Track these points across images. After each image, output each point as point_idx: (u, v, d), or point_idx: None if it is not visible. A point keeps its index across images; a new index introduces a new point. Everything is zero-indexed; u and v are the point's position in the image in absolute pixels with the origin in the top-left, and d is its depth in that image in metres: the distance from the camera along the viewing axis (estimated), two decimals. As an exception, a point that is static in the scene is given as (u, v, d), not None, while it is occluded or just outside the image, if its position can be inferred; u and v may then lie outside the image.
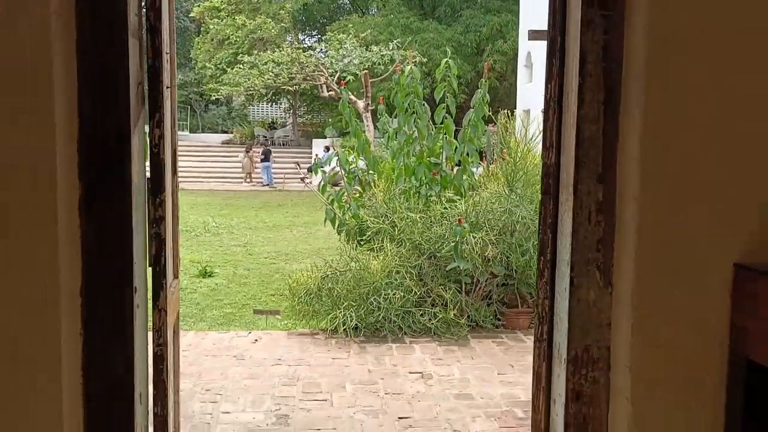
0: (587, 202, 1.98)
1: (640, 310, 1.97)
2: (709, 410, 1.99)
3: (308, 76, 20.49)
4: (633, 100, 1.93)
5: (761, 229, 1.95)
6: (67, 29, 1.81)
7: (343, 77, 16.16)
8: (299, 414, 3.52)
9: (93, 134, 1.85)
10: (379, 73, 18.18)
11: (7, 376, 1.84)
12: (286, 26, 24.10)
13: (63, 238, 1.85)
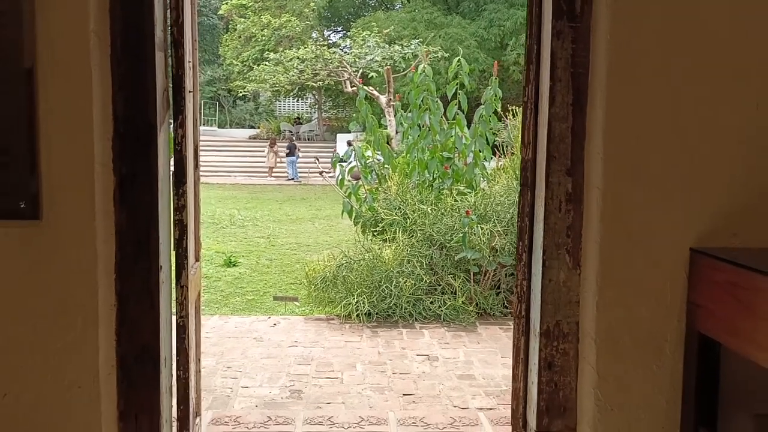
0: (558, 193, 2.23)
1: (605, 289, 2.22)
2: (667, 375, 2.24)
3: (332, 73, 20.84)
4: (597, 101, 2.17)
5: (714, 218, 2.18)
6: (103, 44, 2.11)
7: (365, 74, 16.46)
8: (312, 389, 3.81)
9: (125, 133, 2.15)
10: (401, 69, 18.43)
11: (52, 339, 2.15)
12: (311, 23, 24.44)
13: (99, 222, 2.16)
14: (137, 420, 2.28)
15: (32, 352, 2.17)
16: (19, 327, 2.16)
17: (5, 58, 2.03)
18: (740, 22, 2.12)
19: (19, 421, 2.20)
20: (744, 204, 2.18)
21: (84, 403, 2.20)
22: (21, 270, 2.14)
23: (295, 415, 3.34)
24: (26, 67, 2.05)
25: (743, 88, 2.13)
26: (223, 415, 3.32)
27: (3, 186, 2.09)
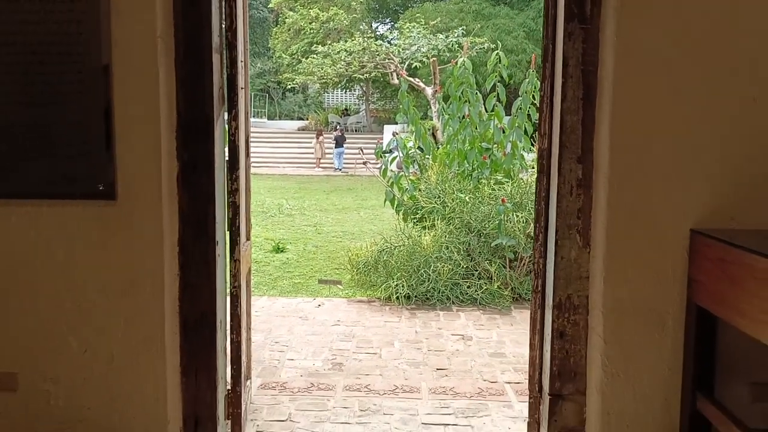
0: (569, 179, 2.47)
1: (612, 266, 2.44)
2: (669, 345, 2.45)
3: (378, 65, 21.14)
4: (605, 95, 2.39)
5: (713, 203, 2.38)
6: (168, 48, 2.44)
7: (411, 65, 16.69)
8: (352, 363, 4.11)
9: (186, 125, 2.48)
10: (447, 60, 18.60)
11: (125, 303, 2.50)
12: (359, 16, 24.78)
13: (165, 202, 2.49)
14: (197, 376, 2.62)
15: (108, 313, 2.52)
16: (96, 292, 2.51)
17: (88, 54, 2.37)
18: (738, 22, 2.30)
19: (96, 374, 2.56)
20: (741, 190, 2.36)
21: (152, 360, 2.55)
22: (99, 243, 2.49)
23: (336, 383, 3.65)
24: (104, 64, 2.39)
25: (740, 83, 2.32)
26: (271, 381, 3.66)
27: (85, 171, 2.44)
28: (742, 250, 2.03)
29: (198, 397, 2.63)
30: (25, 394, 2.58)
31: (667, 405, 2.47)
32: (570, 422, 2.59)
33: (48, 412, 2.58)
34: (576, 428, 2.59)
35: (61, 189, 2.45)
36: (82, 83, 2.38)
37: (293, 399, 3.43)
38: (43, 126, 2.40)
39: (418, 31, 20.06)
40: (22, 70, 2.36)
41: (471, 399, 3.43)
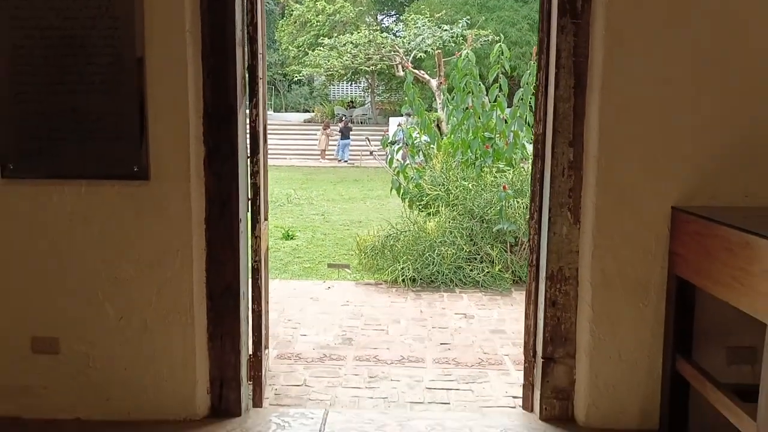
0: (561, 161, 2.71)
1: (600, 241, 2.68)
2: (652, 312, 2.70)
3: (384, 57, 21.35)
4: (594, 84, 2.63)
5: (693, 181, 2.61)
6: (196, 42, 2.68)
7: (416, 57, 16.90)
8: (360, 338, 4.36)
9: (212, 112, 2.72)
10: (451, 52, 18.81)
11: (157, 274, 2.76)
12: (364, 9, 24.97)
13: (193, 183, 2.74)
14: (222, 340, 2.87)
15: (141, 284, 2.78)
16: (131, 264, 2.77)
17: (123, 46, 2.61)
18: (718, 19, 2.53)
19: (130, 339, 2.82)
20: (719, 170, 2.60)
21: (182, 326, 2.80)
22: (133, 220, 2.74)
23: (347, 354, 3.91)
24: (138, 56, 2.63)
25: (719, 74, 2.55)
26: (286, 352, 3.92)
27: (120, 154, 2.69)
28: (716, 224, 2.27)
29: (223, 360, 2.88)
30: (66, 356, 2.84)
31: (650, 367, 2.72)
32: (561, 383, 2.84)
33: (86, 373, 2.85)
34: (566, 389, 2.84)
35: (98, 170, 2.70)
36: (119, 74, 2.63)
37: (307, 367, 3.68)
38: (83, 113, 2.64)
39: (423, 23, 20.26)
40: (64, 63, 2.61)
41: (471, 368, 3.68)
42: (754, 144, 2.55)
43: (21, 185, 2.72)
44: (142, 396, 2.85)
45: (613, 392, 2.76)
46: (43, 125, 2.66)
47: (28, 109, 2.64)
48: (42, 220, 2.75)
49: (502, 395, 3.31)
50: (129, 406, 2.86)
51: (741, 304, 2.08)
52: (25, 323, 2.83)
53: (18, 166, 2.69)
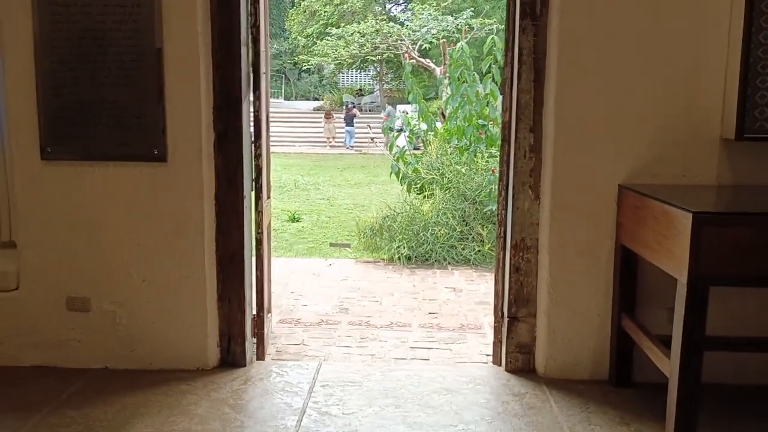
0: (523, 145, 3.11)
1: (556, 214, 3.09)
2: (602, 276, 3.10)
3: (391, 46, 21.73)
4: (551, 78, 3.03)
5: (637, 162, 3.01)
6: (206, 41, 3.10)
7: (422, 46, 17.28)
8: (356, 308, 4.79)
9: (221, 102, 3.14)
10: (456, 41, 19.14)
11: (174, 242, 3.19)
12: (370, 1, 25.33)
13: (204, 164, 3.16)
14: (230, 301, 3.31)
15: (161, 251, 3.21)
16: (152, 234, 3.20)
17: (145, 45, 3.03)
18: (656, 19, 2.92)
19: (151, 299, 3.26)
20: (660, 153, 2.99)
21: (195, 288, 3.24)
22: (153, 196, 3.17)
23: (342, 320, 4.35)
24: (157, 54, 3.05)
25: (657, 67, 2.94)
26: (288, 318, 4.36)
27: (142, 139, 3.11)
28: (645, 197, 2.67)
29: (231, 318, 3.32)
30: (96, 314, 3.28)
31: (600, 324, 3.13)
32: (524, 339, 3.26)
33: (114, 329, 3.29)
34: (528, 344, 3.26)
35: (124, 153, 3.13)
36: (141, 69, 3.05)
37: (306, 330, 4.13)
38: (111, 103, 3.07)
39: (429, 13, 20.59)
40: (95, 60, 3.04)
41: (453, 332, 4.11)
42: (687, 128, 2.94)
43: (58, 166, 3.16)
44: (161, 348, 3.28)
45: (568, 347, 3.17)
46: (76, 114, 3.09)
47: (64, 100, 3.07)
48: (75, 196, 3.19)
49: (477, 353, 3.73)
50: (150, 357, 3.29)
51: (661, 264, 2.49)
52: (62, 285, 3.27)
53: (55, 149, 3.13)
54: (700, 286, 2.22)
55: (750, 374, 3.13)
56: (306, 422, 2.81)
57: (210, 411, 2.90)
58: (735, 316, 3.01)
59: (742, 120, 2.73)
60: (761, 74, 2.71)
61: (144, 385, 3.14)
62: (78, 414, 2.87)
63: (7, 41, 3.10)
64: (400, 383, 3.19)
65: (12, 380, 3.19)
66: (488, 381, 3.24)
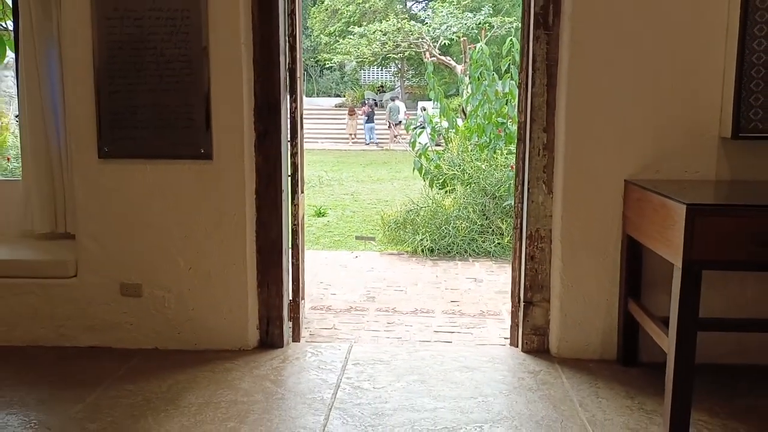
0: (537, 144, 3.38)
1: (568, 207, 3.35)
2: (610, 264, 3.35)
3: (412, 44, 22.00)
4: (562, 82, 3.29)
5: (642, 159, 3.26)
6: (249, 51, 3.40)
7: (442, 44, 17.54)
8: (382, 296, 5.09)
9: (262, 105, 3.45)
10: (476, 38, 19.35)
11: (218, 233, 3.50)
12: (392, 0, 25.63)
13: (246, 161, 3.47)
14: (268, 287, 3.62)
15: (206, 241, 3.53)
16: (198, 226, 3.53)
17: (193, 54, 3.35)
18: (661, 29, 3.17)
19: (197, 285, 3.58)
20: (663, 151, 3.25)
21: (237, 275, 3.56)
22: (200, 190, 3.49)
23: (369, 307, 4.65)
24: (204, 61, 3.37)
25: (661, 73, 3.19)
26: (319, 305, 4.68)
27: (190, 139, 3.43)
28: (647, 191, 2.93)
29: (269, 303, 3.63)
30: (147, 299, 3.62)
31: (608, 308, 3.40)
32: (538, 322, 3.53)
33: (163, 313, 3.62)
34: (542, 327, 3.54)
35: (173, 152, 3.45)
36: (190, 76, 3.37)
37: (336, 316, 4.44)
38: (161, 106, 3.40)
39: (450, 11, 20.83)
40: (148, 68, 3.36)
41: (473, 318, 4.40)
42: (688, 128, 3.19)
43: (114, 164, 3.50)
44: (206, 330, 3.61)
45: (579, 329, 3.44)
46: (130, 117, 3.42)
47: (119, 104, 3.41)
48: (129, 191, 3.52)
49: (496, 337, 4.01)
50: (195, 338, 3.62)
51: (661, 251, 2.75)
52: (116, 272, 3.60)
53: (111, 148, 3.46)
54: (694, 270, 2.48)
55: (752, 353, 3.38)
56: (341, 395, 3.12)
57: (253, 385, 3.22)
58: (734, 300, 3.26)
59: (737, 120, 2.97)
60: (755, 78, 2.95)
61: (191, 363, 3.46)
62: (135, 387, 3.20)
63: (69, 52, 3.44)
64: (424, 362, 3.49)
65: (72, 358, 3.54)
66: (506, 360, 3.52)
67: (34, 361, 3.49)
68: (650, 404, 2.99)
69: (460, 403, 3.02)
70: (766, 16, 2.93)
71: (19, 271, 3.63)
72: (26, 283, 3.62)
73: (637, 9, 3.17)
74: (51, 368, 3.41)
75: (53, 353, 3.58)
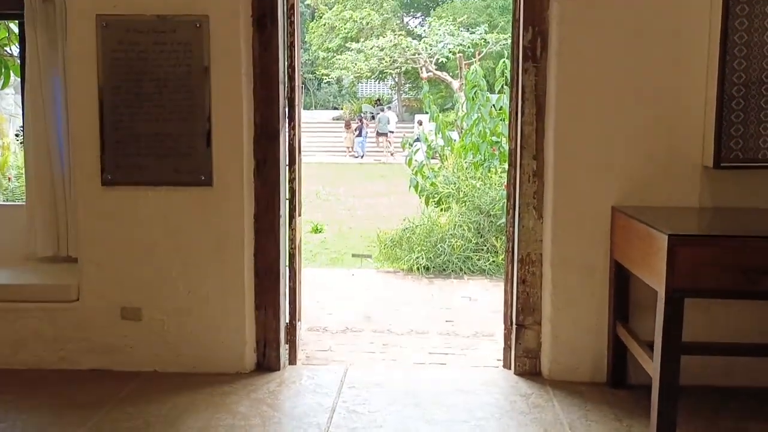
0: (527, 170, 3.48)
1: (557, 232, 3.45)
2: (598, 287, 3.45)
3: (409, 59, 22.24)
4: (550, 112, 3.40)
5: (627, 187, 3.37)
6: (249, 81, 3.51)
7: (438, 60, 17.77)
8: (378, 316, 5.16)
9: (261, 133, 3.55)
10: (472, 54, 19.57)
11: (217, 257, 3.59)
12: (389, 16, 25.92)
13: (246, 188, 3.57)
14: (266, 310, 3.70)
15: (205, 265, 3.62)
16: (198, 250, 3.61)
17: (195, 85, 3.46)
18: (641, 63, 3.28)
19: (196, 309, 3.66)
20: (648, 178, 3.35)
21: (235, 298, 3.64)
22: (201, 216, 3.58)
23: (365, 328, 4.74)
24: (206, 92, 3.47)
25: (644, 104, 3.31)
26: (315, 326, 4.76)
27: (191, 167, 3.53)
28: (632, 219, 3.03)
29: (266, 326, 3.71)
30: (147, 322, 3.69)
31: (598, 331, 3.49)
32: (530, 345, 3.62)
33: (163, 336, 3.70)
34: (534, 349, 3.62)
35: (175, 178, 3.55)
36: (191, 106, 3.47)
37: (332, 337, 4.52)
38: (164, 135, 3.50)
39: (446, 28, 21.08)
40: (151, 98, 3.47)
41: (468, 338, 4.48)
42: (671, 156, 3.30)
43: (117, 190, 3.59)
44: (204, 353, 3.68)
45: (570, 352, 3.52)
46: (133, 145, 3.52)
47: (123, 133, 3.51)
48: (131, 217, 3.61)
49: (490, 358, 4.09)
50: (194, 361, 3.69)
51: (645, 277, 2.85)
52: (117, 296, 3.68)
53: (115, 175, 3.56)
54: (676, 297, 2.58)
55: (737, 376, 3.47)
56: (336, 419, 3.20)
57: (251, 409, 3.29)
58: (717, 324, 3.36)
59: (719, 150, 3.08)
60: (735, 110, 3.07)
61: (190, 386, 3.53)
62: (135, 410, 3.27)
63: (74, 82, 3.55)
64: (419, 385, 3.57)
65: (74, 381, 3.60)
66: (498, 383, 3.61)
67: (37, 384, 3.56)
68: (638, 427, 3.07)
69: (453, 427, 3.10)
70: (744, 51, 3.05)
71: (23, 295, 3.71)
72: (29, 307, 3.70)
73: (620, 43, 3.29)
74: (53, 391, 3.48)
75: (55, 376, 3.65)
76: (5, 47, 4.90)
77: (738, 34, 3.04)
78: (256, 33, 3.49)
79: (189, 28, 3.42)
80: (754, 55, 3.05)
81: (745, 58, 3.04)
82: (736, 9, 3.05)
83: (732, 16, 3.04)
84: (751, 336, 3.38)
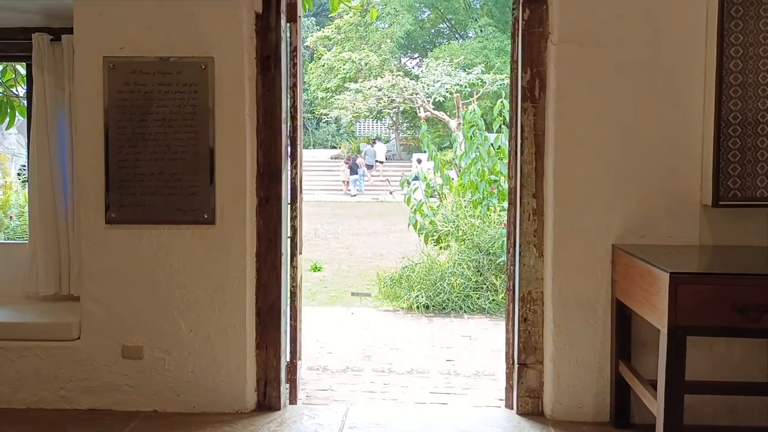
0: (527, 209, 3.51)
1: (558, 270, 3.47)
2: (600, 326, 3.45)
3: (406, 99, 22.56)
4: (549, 151, 3.45)
5: (628, 225, 3.40)
6: (252, 121, 3.57)
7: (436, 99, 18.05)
8: (378, 355, 5.14)
9: (264, 172, 3.59)
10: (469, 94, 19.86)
11: (219, 296, 3.60)
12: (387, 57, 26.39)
13: (248, 226, 3.59)
14: (267, 349, 3.69)
15: (207, 304, 3.62)
16: (200, 288, 3.62)
17: (199, 125, 3.51)
18: (641, 102, 3.35)
19: (197, 347, 3.65)
20: (648, 216, 3.39)
21: (236, 337, 3.63)
22: (202, 254, 3.60)
23: (365, 367, 4.71)
24: (210, 132, 3.52)
25: (642, 143, 3.36)
26: (315, 365, 4.73)
27: (194, 205, 3.56)
28: (634, 257, 3.05)
29: (267, 365, 3.69)
30: (148, 361, 3.67)
31: (600, 370, 3.48)
32: (533, 384, 3.60)
33: (163, 375, 3.68)
34: (536, 389, 3.60)
35: (177, 217, 3.57)
36: (195, 146, 3.52)
37: (332, 377, 4.49)
38: (168, 175, 3.54)
39: (443, 68, 21.44)
40: (155, 138, 3.51)
41: (469, 378, 4.45)
42: (671, 195, 3.34)
43: (120, 229, 3.61)
44: (204, 393, 3.66)
45: (572, 391, 3.51)
46: (137, 184, 3.55)
47: (127, 173, 3.54)
48: (134, 255, 3.62)
49: (492, 398, 4.07)
50: (195, 401, 3.67)
51: (647, 316, 2.86)
52: (118, 334, 3.67)
53: (118, 214, 3.58)
54: (679, 335, 2.59)
55: (740, 415, 3.44)
56: (337, 458, 3.17)
57: (251, 448, 3.26)
58: (721, 363, 3.35)
59: (717, 189, 3.13)
60: (732, 149, 3.12)
61: (190, 426, 3.50)
62: (135, 450, 3.24)
63: (80, 123, 3.60)
64: (421, 426, 3.54)
65: (73, 421, 3.57)
66: (501, 423, 3.58)
67: (37, 423, 3.52)
68: (642, 467, 3.05)
69: (456, 467, 3.07)
70: (739, 92, 3.12)
71: (24, 333, 3.70)
72: (30, 345, 3.68)
73: (618, 84, 3.36)
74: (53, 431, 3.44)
75: (55, 415, 3.62)
76: (11, 88, 4.98)
77: (733, 75, 3.12)
78: (260, 74, 3.56)
79: (194, 70, 3.49)
80: (749, 95, 3.12)
81: (741, 99, 3.11)
82: (730, 51, 3.12)
83: (727, 57, 3.12)
84: (756, 375, 3.37)
